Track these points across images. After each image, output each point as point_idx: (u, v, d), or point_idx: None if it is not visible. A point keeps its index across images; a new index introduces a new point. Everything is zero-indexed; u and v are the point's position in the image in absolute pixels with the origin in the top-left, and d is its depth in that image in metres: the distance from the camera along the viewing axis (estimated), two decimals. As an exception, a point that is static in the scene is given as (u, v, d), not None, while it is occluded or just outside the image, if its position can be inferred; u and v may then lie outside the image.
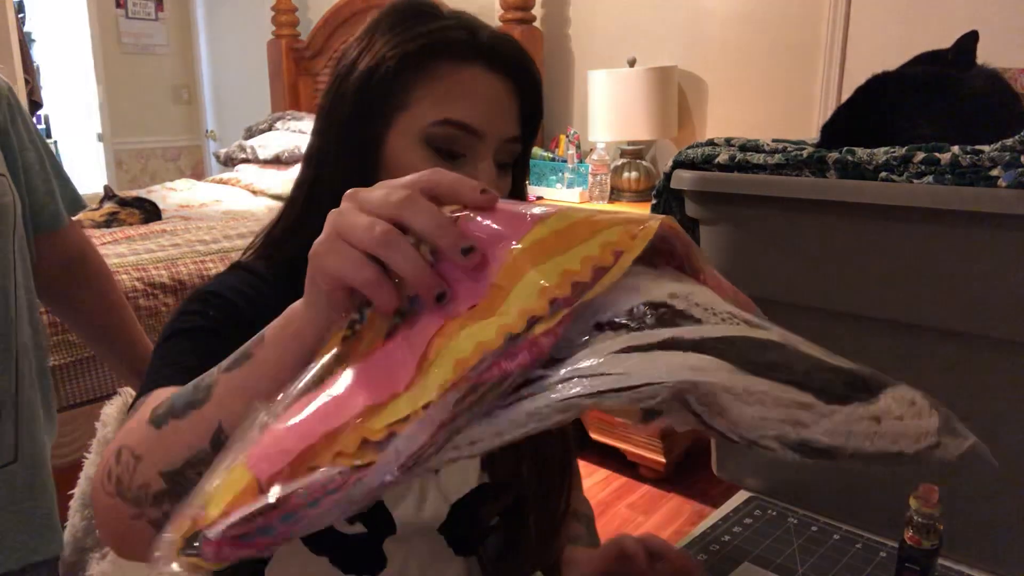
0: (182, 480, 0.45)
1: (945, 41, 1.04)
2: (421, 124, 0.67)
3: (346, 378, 0.37)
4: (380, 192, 0.39)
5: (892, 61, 1.09)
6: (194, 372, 0.50)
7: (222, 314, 0.65)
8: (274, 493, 0.33)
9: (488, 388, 0.34)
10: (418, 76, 0.67)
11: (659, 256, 0.39)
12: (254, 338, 0.46)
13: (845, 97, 1.10)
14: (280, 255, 0.72)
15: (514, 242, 0.37)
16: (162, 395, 0.52)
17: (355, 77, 0.69)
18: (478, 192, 0.39)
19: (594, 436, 2.39)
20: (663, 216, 0.38)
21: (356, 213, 0.39)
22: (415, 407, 0.34)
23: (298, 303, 0.44)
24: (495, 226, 0.38)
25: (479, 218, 0.39)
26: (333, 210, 0.40)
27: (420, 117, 0.67)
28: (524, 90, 0.71)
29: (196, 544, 0.34)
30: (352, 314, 0.40)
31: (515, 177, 0.75)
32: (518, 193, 0.77)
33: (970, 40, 1.02)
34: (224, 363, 0.47)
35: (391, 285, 0.38)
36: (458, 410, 0.34)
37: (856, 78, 1.81)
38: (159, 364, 0.62)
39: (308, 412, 0.36)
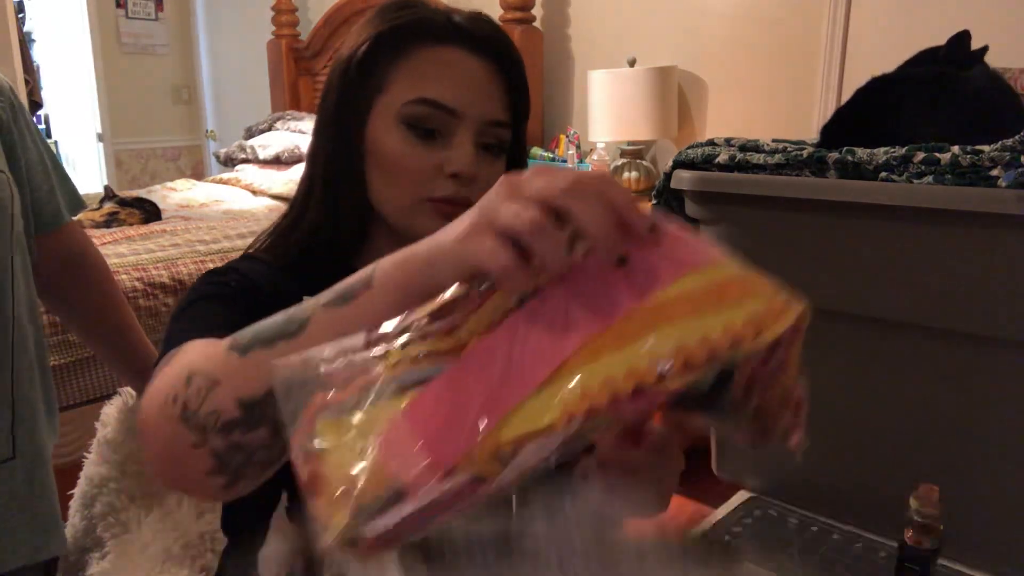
0: (258, 410, 0.44)
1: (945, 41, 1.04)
2: (397, 105, 0.68)
3: (475, 369, 0.38)
4: (544, 176, 0.38)
5: (892, 61, 1.09)
6: (225, 329, 0.48)
7: (242, 285, 0.66)
8: (425, 497, 0.35)
9: (603, 420, 0.36)
10: (394, 59, 0.68)
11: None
12: (357, 277, 0.45)
13: (845, 97, 1.10)
14: (283, 250, 0.73)
15: (666, 283, 0.38)
16: (198, 346, 0.50)
17: (339, 68, 0.71)
18: (644, 224, 0.38)
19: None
20: (803, 302, 0.39)
21: (506, 197, 0.38)
22: (540, 424, 0.35)
23: (420, 249, 0.42)
24: (654, 257, 0.39)
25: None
26: (484, 195, 0.40)
27: (396, 98, 0.68)
28: (506, 72, 0.71)
29: (353, 540, 0.36)
30: (474, 286, 0.40)
31: (515, 166, 0.75)
32: None
33: (962, 40, 1.02)
34: (322, 298, 0.45)
35: (525, 273, 0.37)
36: (574, 437, 0.35)
37: (856, 78, 1.81)
38: (186, 324, 0.60)
39: (442, 412, 0.37)
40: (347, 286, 0.45)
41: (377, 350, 0.39)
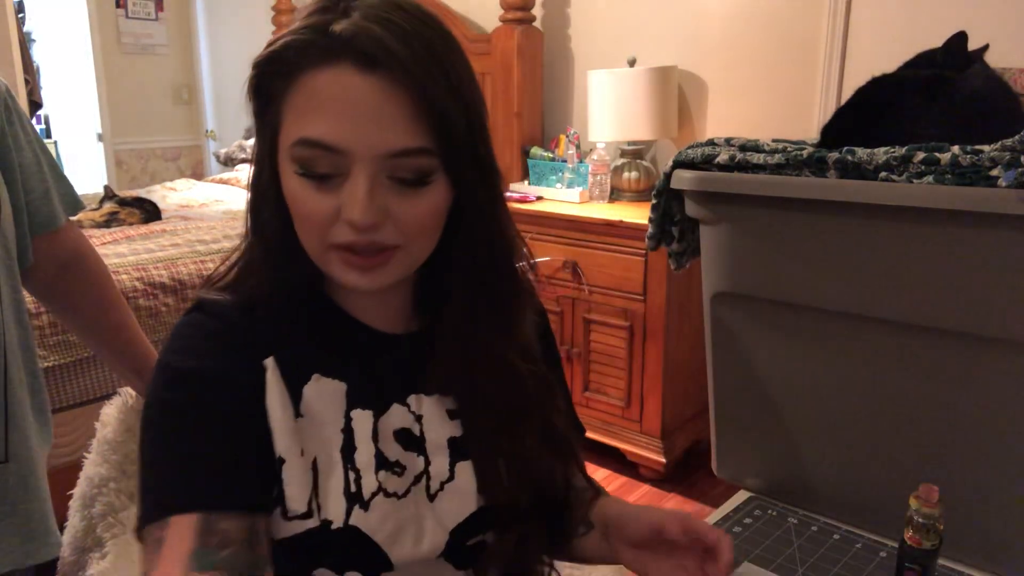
0: None
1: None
2: (288, 145, 0.60)
3: None
4: None
5: (892, 61, 1.09)
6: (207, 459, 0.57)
7: (202, 391, 0.61)
8: None
9: None
10: (282, 91, 0.60)
11: None
12: None
13: (845, 97, 1.10)
14: (248, 291, 0.67)
15: None
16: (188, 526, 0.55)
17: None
18: None
19: (594, 436, 2.39)
20: None
21: None
22: None
23: None
24: None
25: None
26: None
27: (288, 137, 0.60)
28: (412, 88, 0.57)
29: None
30: None
31: (469, 190, 0.64)
32: (485, 212, 0.66)
33: (959, 41, 1.02)
34: None
35: None
36: None
37: (856, 78, 1.81)
38: (167, 459, 0.59)
39: None
40: None
41: None
